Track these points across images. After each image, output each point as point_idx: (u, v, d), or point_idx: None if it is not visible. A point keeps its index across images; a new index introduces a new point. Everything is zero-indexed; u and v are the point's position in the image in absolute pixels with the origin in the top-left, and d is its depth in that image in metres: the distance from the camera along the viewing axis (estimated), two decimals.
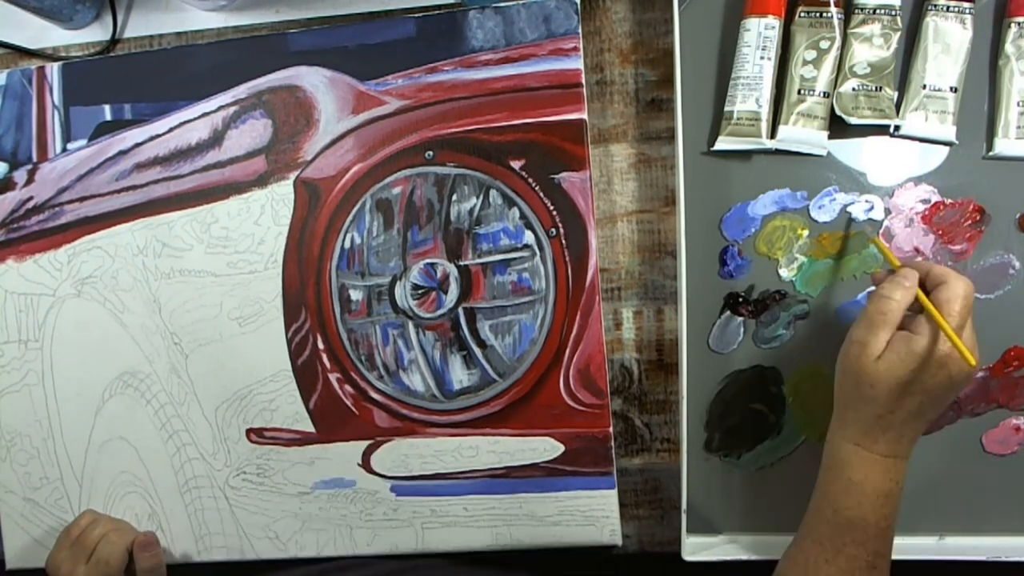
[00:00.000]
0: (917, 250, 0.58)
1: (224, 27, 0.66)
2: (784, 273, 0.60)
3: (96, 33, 0.68)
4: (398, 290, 0.62)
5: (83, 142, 0.65)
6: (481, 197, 0.61)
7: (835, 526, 0.50)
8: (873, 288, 0.58)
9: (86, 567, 0.61)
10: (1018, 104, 0.56)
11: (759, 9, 0.56)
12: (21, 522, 0.68)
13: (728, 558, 0.60)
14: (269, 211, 0.63)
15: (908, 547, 0.60)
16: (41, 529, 0.68)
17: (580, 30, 0.59)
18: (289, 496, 0.65)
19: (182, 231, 0.64)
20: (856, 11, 0.56)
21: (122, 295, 0.65)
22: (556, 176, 0.60)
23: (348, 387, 0.64)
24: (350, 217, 0.62)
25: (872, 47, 0.56)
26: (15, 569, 0.68)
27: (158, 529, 0.66)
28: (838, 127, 0.56)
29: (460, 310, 0.62)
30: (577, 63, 0.59)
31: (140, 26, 0.67)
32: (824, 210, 0.59)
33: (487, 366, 0.62)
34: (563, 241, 0.60)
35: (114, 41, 0.68)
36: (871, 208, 0.58)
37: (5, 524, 0.68)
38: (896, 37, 0.55)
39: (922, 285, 0.49)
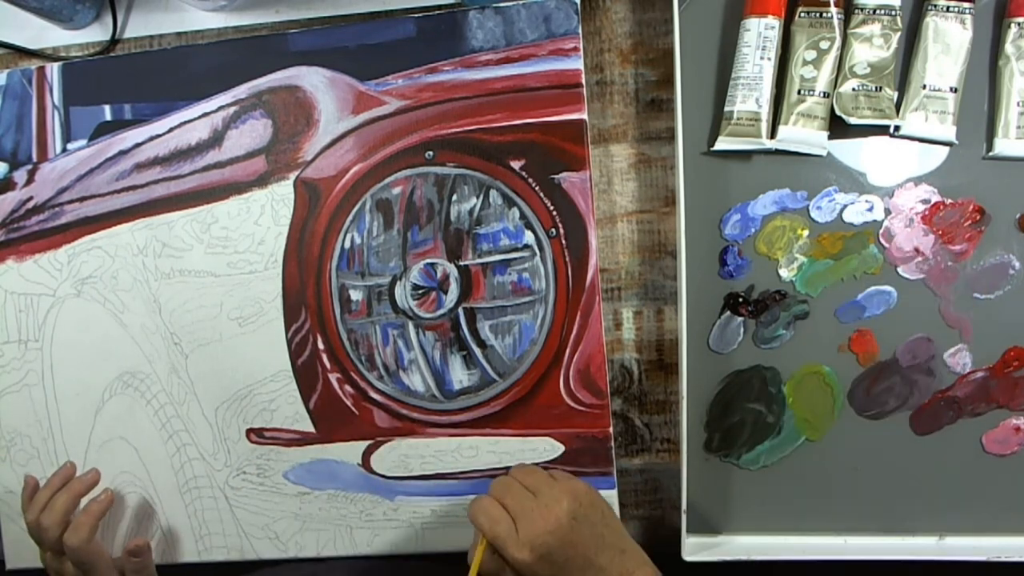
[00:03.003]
0: (917, 250, 0.58)
1: (224, 27, 0.66)
2: (784, 273, 0.60)
3: (96, 33, 0.68)
4: (398, 290, 0.62)
5: (83, 142, 0.65)
6: (481, 197, 0.61)
7: None
8: (873, 288, 0.58)
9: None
10: (1018, 104, 0.56)
11: (759, 9, 0.56)
12: (21, 522, 0.67)
13: (728, 558, 0.60)
14: (269, 211, 0.63)
15: (908, 547, 0.60)
16: None
17: (580, 30, 0.59)
18: (289, 496, 0.65)
19: (182, 231, 0.64)
20: (856, 11, 0.56)
21: (122, 295, 0.65)
22: (556, 176, 0.60)
23: (348, 387, 0.63)
24: (350, 217, 0.62)
25: (872, 47, 0.56)
26: (15, 569, 0.68)
27: (158, 530, 0.66)
28: (838, 127, 0.56)
29: (460, 310, 0.62)
30: (577, 63, 0.59)
31: (140, 26, 0.67)
32: (824, 210, 0.59)
33: (487, 366, 0.62)
34: (563, 241, 0.60)
35: (114, 41, 0.68)
36: (871, 208, 0.58)
37: (5, 524, 0.68)
38: (896, 37, 0.55)
39: None
